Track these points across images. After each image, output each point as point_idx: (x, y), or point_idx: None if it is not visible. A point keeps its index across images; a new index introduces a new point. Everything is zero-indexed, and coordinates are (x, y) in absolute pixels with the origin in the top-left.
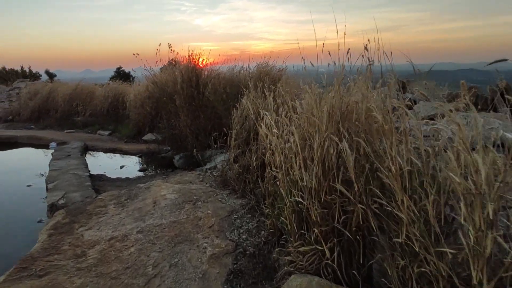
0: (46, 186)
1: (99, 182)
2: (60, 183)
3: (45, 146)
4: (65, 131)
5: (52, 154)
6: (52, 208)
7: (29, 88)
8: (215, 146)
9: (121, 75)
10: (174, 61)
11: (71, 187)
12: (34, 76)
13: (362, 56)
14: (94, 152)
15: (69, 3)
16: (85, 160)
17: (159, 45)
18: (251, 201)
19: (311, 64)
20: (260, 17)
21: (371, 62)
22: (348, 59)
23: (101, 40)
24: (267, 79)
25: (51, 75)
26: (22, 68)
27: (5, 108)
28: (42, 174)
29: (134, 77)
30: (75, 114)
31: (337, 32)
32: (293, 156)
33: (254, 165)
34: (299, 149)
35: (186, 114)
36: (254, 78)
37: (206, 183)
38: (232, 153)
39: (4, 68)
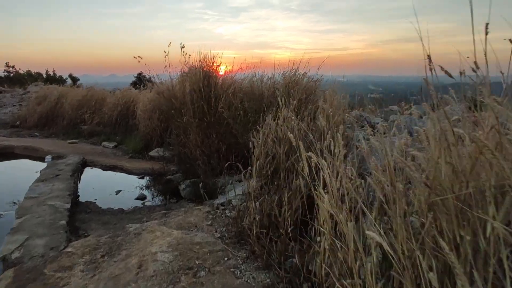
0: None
1: (85, 215)
2: (28, 221)
3: (42, 159)
4: (68, 141)
5: (40, 171)
6: (4, 263)
7: (38, 93)
8: (230, 171)
9: (142, 81)
10: (186, 66)
11: (39, 228)
12: (58, 80)
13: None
14: (92, 169)
15: (103, 11)
16: (75, 182)
17: (169, 44)
18: (282, 282)
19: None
20: (282, 27)
21: None
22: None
23: (127, 45)
24: (296, 92)
25: (74, 79)
26: (47, 71)
27: (14, 113)
28: (15, 203)
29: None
30: (82, 122)
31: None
32: None
33: (287, 217)
34: None
35: (196, 132)
36: (281, 89)
37: (216, 231)
38: (252, 192)
39: (28, 71)
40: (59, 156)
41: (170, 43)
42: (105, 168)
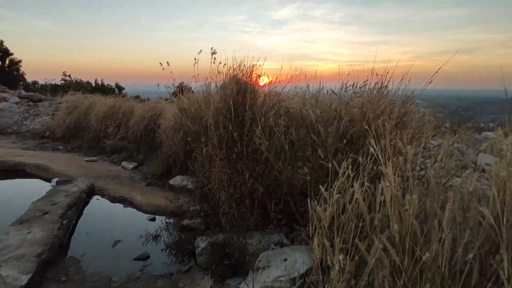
0: None
1: None
2: None
3: (50, 180)
4: (86, 158)
5: (31, 204)
6: None
7: (69, 102)
8: (268, 224)
9: (183, 91)
10: (217, 77)
11: None
12: (104, 89)
13: None
14: (98, 200)
15: (152, 25)
16: (63, 225)
17: (199, 52)
18: None
19: None
20: (323, 38)
21: None
22: None
23: (173, 56)
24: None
25: (120, 88)
26: (96, 80)
27: (46, 122)
28: None
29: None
30: (106, 137)
31: None
32: None
33: None
34: None
35: (222, 166)
36: (355, 115)
37: None
38: None
39: (76, 80)
40: (65, 181)
41: (200, 51)
42: (113, 199)
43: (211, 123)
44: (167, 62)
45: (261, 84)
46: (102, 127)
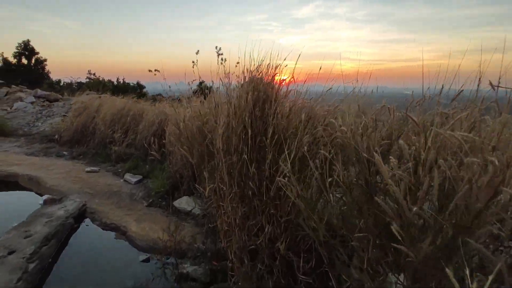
0: None
1: None
2: None
3: (42, 195)
4: (87, 169)
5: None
6: None
7: (79, 103)
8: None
9: (203, 90)
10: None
11: None
12: (125, 88)
13: None
14: (87, 227)
15: (174, 24)
16: (23, 274)
17: (197, 53)
18: None
19: None
20: (345, 37)
21: None
22: None
23: (193, 56)
24: None
25: (140, 87)
26: (117, 79)
27: (57, 124)
28: None
29: (211, 90)
30: (113, 142)
31: None
32: None
33: None
34: None
35: (233, 203)
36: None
37: None
38: None
39: (97, 79)
40: (54, 200)
41: (198, 51)
42: (105, 227)
43: (221, 143)
44: (193, 62)
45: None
46: (109, 131)
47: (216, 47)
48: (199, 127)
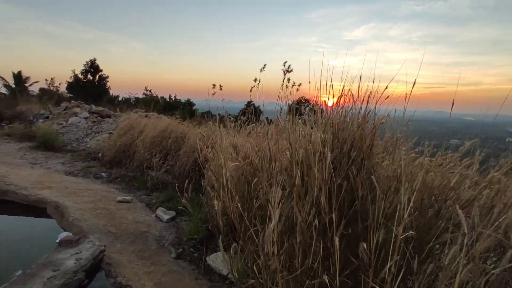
0: None
1: None
2: None
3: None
4: (119, 198)
5: None
6: None
7: (125, 122)
8: None
9: (252, 112)
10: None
11: None
12: (176, 105)
13: None
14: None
15: (229, 45)
16: None
17: (262, 68)
18: None
19: None
20: (399, 59)
21: None
22: None
23: (245, 74)
24: None
25: (190, 104)
26: (170, 96)
27: (103, 141)
28: None
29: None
30: (150, 167)
31: None
32: None
33: None
34: None
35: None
36: None
37: None
38: None
39: (151, 95)
40: (70, 241)
41: (264, 66)
42: None
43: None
44: (255, 80)
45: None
46: (147, 155)
47: (284, 64)
48: (247, 179)
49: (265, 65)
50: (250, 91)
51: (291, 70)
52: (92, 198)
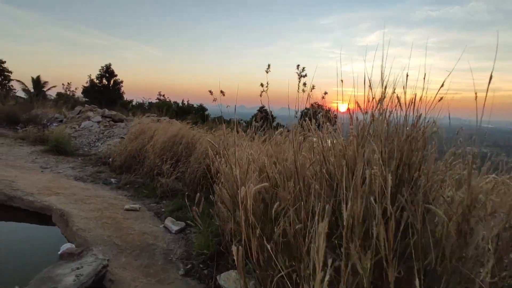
0: None
1: None
2: None
3: (64, 241)
4: (126, 206)
5: None
6: None
7: (136, 126)
8: None
9: (267, 118)
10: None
11: None
12: (189, 109)
13: None
14: None
15: (244, 51)
16: None
17: (267, 69)
18: None
19: None
20: (414, 65)
21: None
22: None
23: (258, 80)
24: None
25: (203, 109)
26: (182, 101)
27: (115, 145)
28: None
29: (275, 118)
30: (161, 174)
31: None
32: None
33: None
34: None
35: None
36: None
37: None
38: None
39: (164, 100)
40: (71, 254)
41: (268, 66)
42: None
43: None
44: (262, 84)
45: None
46: (157, 161)
47: (298, 67)
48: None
49: (269, 65)
50: (260, 95)
51: (306, 75)
52: (99, 206)
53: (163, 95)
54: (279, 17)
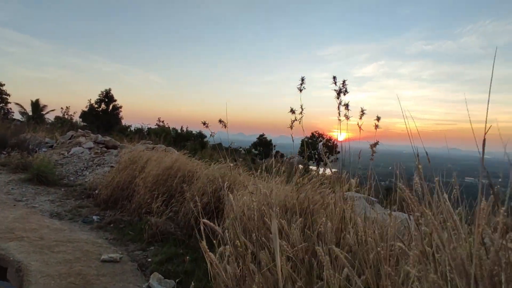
0: None
1: None
2: None
3: None
4: (104, 256)
5: None
6: None
7: (129, 154)
8: None
9: (262, 143)
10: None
11: None
12: (187, 136)
13: None
14: None
15: (243, 79)
16: None
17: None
18: None
19: None
20: (410, 96)
21: None
22: None
23: (256, 108)
24: None
25: (202, 136)
26: (181, 128)
27: (103, 175)
28: None
29: (275, 146)
30: (150, 212)
31: None
32: None
33: None
34: None
35: None
36: None
37: None
38: None
39: (162, 126)
40: None
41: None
42: None
43: None
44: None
45: None
46: (147, 197)
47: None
48: None
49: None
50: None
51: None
52: (69, 256)
53: (163, 121)
54: (279, 50)
